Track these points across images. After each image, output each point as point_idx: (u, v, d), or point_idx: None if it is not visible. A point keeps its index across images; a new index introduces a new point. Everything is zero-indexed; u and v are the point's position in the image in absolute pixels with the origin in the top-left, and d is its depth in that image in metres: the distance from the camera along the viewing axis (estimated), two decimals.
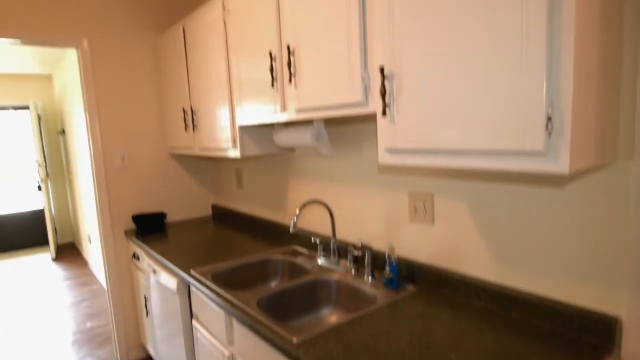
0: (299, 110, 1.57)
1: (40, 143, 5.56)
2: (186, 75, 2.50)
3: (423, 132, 1.10)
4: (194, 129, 2.49)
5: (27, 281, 4.93)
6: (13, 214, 6.20)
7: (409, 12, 1.09)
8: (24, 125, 6.28)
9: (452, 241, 1.50)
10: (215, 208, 3.22)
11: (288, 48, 1.56)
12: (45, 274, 5.14)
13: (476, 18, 0.94)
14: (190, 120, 2.51)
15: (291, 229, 1.72)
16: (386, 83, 1.18)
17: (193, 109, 2.46)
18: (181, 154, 2.99)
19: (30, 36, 2.50)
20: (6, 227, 6.16)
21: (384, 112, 1.19)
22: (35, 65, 5.32)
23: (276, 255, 2.07)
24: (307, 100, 1.51)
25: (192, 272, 1.88)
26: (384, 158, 1.24)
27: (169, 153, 3.04)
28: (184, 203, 3.14)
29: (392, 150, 1.20)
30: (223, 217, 3.09)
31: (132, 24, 2.84)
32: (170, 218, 3.08)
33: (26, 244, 6.30)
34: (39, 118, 5.56)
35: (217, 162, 3.17)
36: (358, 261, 1.80)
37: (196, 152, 2.52)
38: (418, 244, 1.62)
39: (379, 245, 1.79)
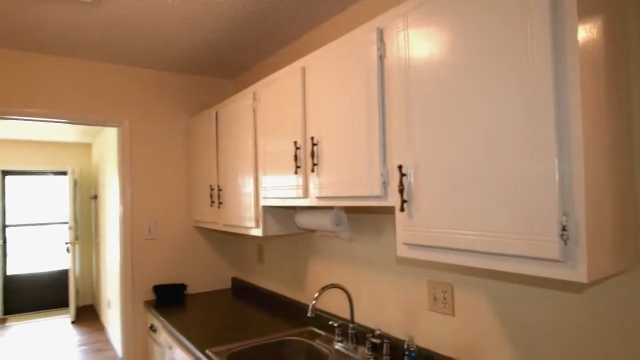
0: (320, 198, 1.65)
1: (74, 207, 5.80)
2: (215, 155, 2.65)
3: (438, 230, 1.14)
4: (219, 206, 2.59)
5: (44, 345, 4.91)
6: (39, 273, 6.34)
7: (425, 118, 1.18)
8: (60, 188, 6.60)
9: (472, 335, 1.47)
10: (235, 281, 3.24)
11: (312, 139, 1.67)
12: (62, 338, 5.12)
13: (491, 127, 1.02)
14: (216, 197, 2.62)
15: (309, 313, 1.73)
16: (404, 180, 1.25)
17: (220, 186, 2.58)
18: (205, 228, 3.08)
19: (79, 117, 2.75)
20: (30, 286, 6.27)
21: (401, 208, 1.24)
22: (76, 135, 5.71)
23: (294, 336, 2.05)
24: (328, 189, 1.59)
25: (208, 352, 1.88)
26: (402, 251, 1.27)
27: (193, 226, 3.14)
28: (205, 275, 3.18)
29: (410, 245, 1.24)
30: (242, 291, 3.10)
31: (167, 107, 3.08)
32: (191, 289, 3.11)
33: (48, 304, 6.36)
34: (75, 183, 5.85)
35: (240, 237, 3.24)
36: (376, 349, 1.77)
37: (220, 227, 2.60)
38: (437, 334, 1.60)
39: (397, 331, 1.76)
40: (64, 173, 6.49)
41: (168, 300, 2.86)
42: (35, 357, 4.56)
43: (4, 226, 6.08)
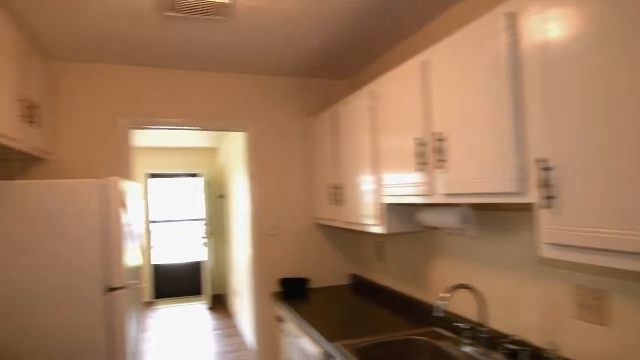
0: (447, 195, 1.60)
1: (206, 205, 6.46)
2: (334, 154, 2.73)
3: (592, 229, 1.03)
4: (339, 203, 2.67)
5: (186, 327, 5.56)
6: (178, 264, 7.19)
7: (572, 107, 1.08)
8: (193, 188, 7.39)
9: (630, 350, 1.30)
10: (354, 277, 3.30)
11: (436, 135, 1.63)
12: (200, 322, 5.74)
13: None
14: (337, 195, 2.70)
15: (437, 313, 1.69)
16: (546, 175, 1.15)
17: (339, 185, 2.66)
18: (324, 225, 3.20)
19: (212, 125, 3.06)
20: (172, 274, 7.15)
21: (545, 205, 1.15)
22: (205, 140, 6.34)
23: (418, 335, 2.02)
24: (456, 186, 1.53)
25: (337, 344, 1.94)
26: (547, 252, 1.18)
27: (313, 223, 3.28)
28: (325, 270, 3.30)
29: (556, 245, 1.14)
30: (361, 287, 3.15)
31: (286, 110, 3.26)
32: (312, 283, 3.26)
33: (187, 291, 7.18)
34: (207, 184, 6.51)
35: (358, 234, 3.30)
36: (512, 356, 1.66)
37: (340, 224, 2.67)
38: (584, 345, 1.44)
39: (533, 338, 1.64)
40: (195, 175, 7.24)
41: (293, 292, 3.03)
42: (180, 335, 5.18)
43: (149, 222, 7.00)
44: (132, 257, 2.25)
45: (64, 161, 2.72)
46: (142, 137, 5.80)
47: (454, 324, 1.99)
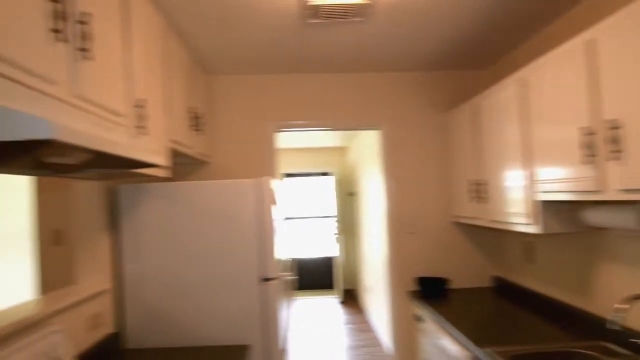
0: (623, 191, 1.39)
1: (336, 203, 6.69)
2: (475, 149, 2.59)
3: None
4: (482, 201, 2.52)
5: (319, 318, 5.83)
6: (312, 258, 7.58)
7: None
8: (323, 187, 7.71)
9: None
10: (497, 280, 3.09)
11: (608, 122, 1.43)
12: (332, 315, 5.97)
13: None
14: (479, 191, 2.56)
15: (612, 325, 1.49)
16: None
17: (482, 181, 2.51)
18: (464, 223, 3.05)
19: (347, 124, 3.15)
20: (307, 268, 7.56)
21: None
22: (335, 140, 6.55)
23: (582, 349, 1.80)
24: (636, 180, 1.33)
25: (488, 350, 1.84)
26: None
27: (451, 221, 3.16)
28: (464, 270, 3.16)
29: None
30: (506, 290, 2.93)
31: (420, 106, 3.19)
32: (450, 284, 3.14)
33: (319, 284, 7.53)
34: (337, 182, 6.74)
35: (501, 233, 3.08)
36: None
37: (483, 223, 2.52)
38: None
39: None
40: (326, 174, 7.54)
41: (431, 292, 2.96)
42: (314, 326, 5.46)
43: (285, 219, 7.50)
44: (281, 250, 2.44)
45: (219, 163, 3.07)
46: (279, 140, 6.24)
47: (630, 340, 1.73)
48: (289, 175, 7.53)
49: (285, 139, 6.31)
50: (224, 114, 3.10)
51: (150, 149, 1.79)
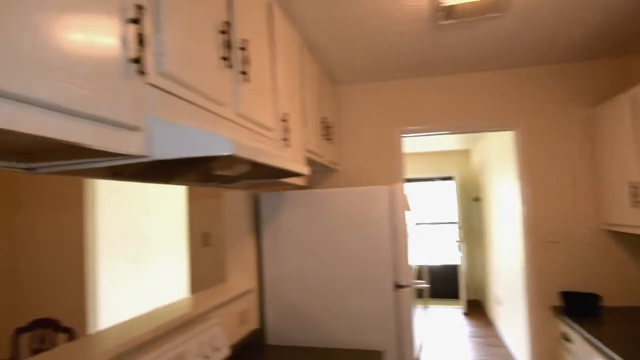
0: None
1: (459, 208, 6.40)
2: (636, 146, 2.25)
3: None
4: None
5: (442, 329, 5.60)
6: (435, 266, 7.34)
7: None
8: (444, 192, 7.42)
9: None
10: None
11: None
12: (456, 326, 5.69)
13: None
14: None
15: None
16: None
17: None
18: (620, 232, 2.67)
19: (476, 126, 2.99)
20: (429, 276, 7.34)
21: None
22: (457, 143, 6.26)
23: None
24: None
25: None
26: None
27: (602, 229, 2.79)
28: (619, 287, 2.76)
29: None
30: None
31: (559, 101, 2.89)
32: (603, 301, 2.77)
33: (442, 293, 7.25)
34: (459, 187, 6.44)
35: None
36: None
37: None
38: None
39: None
40: (447, 178, 7.25)
41: (580, 309, 2.64)
42: (438, 337, 5.26)
43: (416, 224, 7.38)
44: (413, 257, 2.41)
45: (346, 170, 3.15)
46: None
47: None
48: (408, 180, 7.42)
49: (406, 144, 6.24)
50: (350, 122, 3.17)
51: (293, 160, 1.92)
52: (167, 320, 1.39)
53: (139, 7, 0.87)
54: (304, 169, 1.54)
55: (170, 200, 5.26)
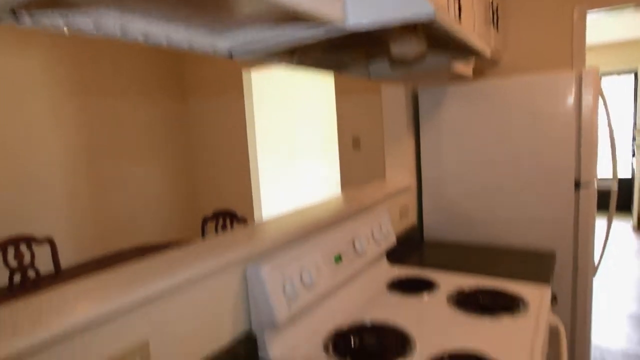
0: None
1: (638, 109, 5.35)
2: None
3: None
4: None
5: (609, 242, 5.05)
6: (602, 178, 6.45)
7: None
8: (621, 90, 6.22)
9: None
10: None
11: None
12: (623, 242, 5.08)
13: None
14: None
15: None
16: None
17: None
18: None
19: None
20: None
21: None
22: None
23: None
24: None
25: None
26: None
27: None
28: None
29: None
30: None
31: None
32: None
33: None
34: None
35: None
36: None
37: None
38: None
39: None
40: (630, 72, 6.03)
41: None
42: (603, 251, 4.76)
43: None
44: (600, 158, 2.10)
45: (509, 62, 2.78)
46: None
47: None
48: None
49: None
50: (516, 4, 2.73)
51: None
52: (341, 209, 1.47)
53: None
54: (487, 49, 1.37)
55: (321, 101, 5.42)
